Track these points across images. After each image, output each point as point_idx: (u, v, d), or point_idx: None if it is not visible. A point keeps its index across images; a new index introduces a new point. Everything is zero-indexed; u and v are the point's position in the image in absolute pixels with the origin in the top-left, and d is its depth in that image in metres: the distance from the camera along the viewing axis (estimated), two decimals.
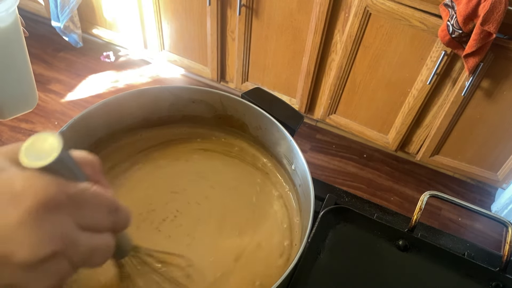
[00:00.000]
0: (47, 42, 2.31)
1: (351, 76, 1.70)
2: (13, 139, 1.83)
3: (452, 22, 1.30)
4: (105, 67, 2.23)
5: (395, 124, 1.77)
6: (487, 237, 1.74)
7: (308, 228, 0.50)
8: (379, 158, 1.98)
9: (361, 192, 1.84)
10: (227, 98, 0.67)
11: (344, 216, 0.64)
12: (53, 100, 2.03)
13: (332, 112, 1.87)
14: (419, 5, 1.39)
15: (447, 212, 1.80)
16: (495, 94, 1.50)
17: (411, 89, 1.62)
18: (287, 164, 0.66)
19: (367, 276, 0.60)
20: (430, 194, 0.63)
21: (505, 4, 1.20)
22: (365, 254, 0.62)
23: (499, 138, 1.63)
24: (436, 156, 1.80)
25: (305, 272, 0.58)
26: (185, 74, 2.23)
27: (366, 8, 1.47)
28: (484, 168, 1.75)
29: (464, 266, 0.61)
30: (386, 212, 0.72)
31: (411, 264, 0.61)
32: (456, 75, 1.52)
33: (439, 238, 0.69)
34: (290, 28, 1.69)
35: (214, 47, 1.90)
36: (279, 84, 1.91)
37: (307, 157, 1.90)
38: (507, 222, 0.60)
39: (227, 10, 1.76)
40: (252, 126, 0.69)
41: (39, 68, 2.17)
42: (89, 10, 2.13)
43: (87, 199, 0.25)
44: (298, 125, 0.66)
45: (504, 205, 1.73)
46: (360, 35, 1.55)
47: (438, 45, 1.44)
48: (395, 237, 0.63)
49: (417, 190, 1.87)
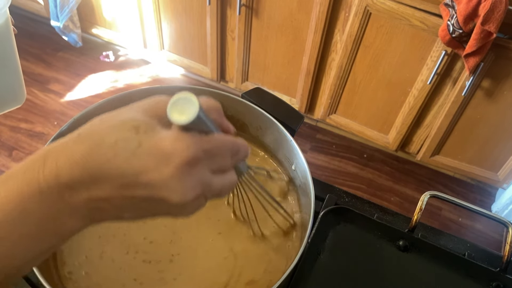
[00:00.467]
0: (47, 41, 2.31)
1: (351, 76, 1.70)
2: (12, 139, 1.83)
3: (453, 22, 1.30)
4: (104, 67, 2.23)
5: (395, 124, 1.77)
6: (487, 237, 1.74)
7: (308, 228, 0.50)
8: (379, 158, 1.98)
9: (361, 192, 1.84)
10: (227, 98, 0.67)
11: (344, 216, 0.64)
12: (53, 100, 2.03)
13: (332, 112, 1.87)
14: (420, 4, 1.39)
15: (447, 212, 1.80)
16: (495, 94, 1.50)
17: (412, 89, 1.62)
18: (287, 164, 0.66)
19: (367, 276, 0.60)
20: (431, 194, 0.62)
21: (505, 4, 1.20)
22: (365, 254, 0.62)
23: (499, 138, 1.62)
24: (437, 156, 1.80)
25: (305, 272, 0.57)
26: (185, 74, 2.23)
27: (366, 8, 1.47)
28: (484, 168, 1.75)
29: (464, 266, 0.61)
30: (386, 212, 0.72)
31: (411, 265, 0.61)
32: (456, 75, 1.52)
33: (439, 239, 0.69)
34: (290, 28, 1.69)
35: (214, 47, 1.90)
36: (279, 84, 1.91)
37: (307, 157, 1.90)
38: (508, 222, 0.60)
39: (227, 9, 1.76)
40: (252, 126, 0.69)
41: (38, 68, 2.17)
42: (89, 10, 2.12)
43: (217, 150, 0.31)
44: (298, 125, 0.66)
45: (505, 205, 1.73)
46: (360, 34, 1.55)
47: (439, 45, 1.44)
48: (395, 238, 0.63)
49: (417, 190, 1.87)
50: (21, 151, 1.80)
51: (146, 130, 0.29)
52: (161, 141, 0.28)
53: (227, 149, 0.32)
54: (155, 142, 0.28)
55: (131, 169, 0.28)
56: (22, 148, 1.81)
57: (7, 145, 1.81)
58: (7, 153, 1.78)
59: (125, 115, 0.30)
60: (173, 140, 0.28)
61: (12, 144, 1.82)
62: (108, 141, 0.28)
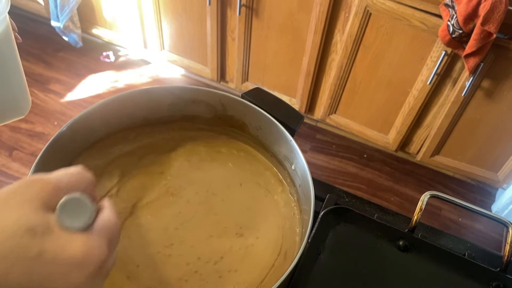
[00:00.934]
0: (47, 42, 2.31)
1: (351, 76, 1.70)
2: (12, 139, 1.83)
3: (453, 22, 1.30)
4: (105, 67, 2.23)
5: (395, 124, 1.77)
6: (487, 237, 1.74)
7: (308, 228, 0.50)
8: (379, 158, 1.98)
9: (361, 192, 1.84)
10: (227, 98, 0.67)
11: (344, 217, 0.64)
12: (53, 100, 2.03)
13: (332, 112, 1.87)
14: (420, 5, 1.39)
15: (447, 212, 1.80)
16: (495, 94, 1.50)
17: (412, 89, 1.62)
18: (287, 164, 0.66)
19: (367, 276, 0.60)
20: (431, 194, 0.63)
21: (505, 4, 1.20)
22: (365, 255, 0.62)
23: (499, 138, 1.62)
24: (437, 156, 1.80)
25: (305, 272, 0.58)
26: (185, 74, 2.23)
27: (366, 8, 1.47)
28: (484, 168, 1.75)
29: (464, 266, 0.61)
30: (387, 212, 0.72)
31: (412, 265, 0.61)
32: (456, 75, 1.52)
33: (439, 239, 0.69)
34: (290, 28, 1.69)
35: (214, 47, 1.90)
36: (279, 84, 1.91)
37: (307, 157, 1.90)
38: (508, 223, 0.60)
39: (227, 10, 1.76)
40: (252, 126, 0.69)
41: (38, 68, 2.17)
42: (89, 10, 2.12)
43: (114, 233, 0.31)
44: (298, 125, 0.66)
45: (505, 205, 1.73)
46: (360, 35, 1.55)
47: (439, 45, 1.44)
48: (395, 238, 0.63)
49: (417, 190, 1.87)
50: (21, 151, 1.80)
51: (43, 231, 0.26)
52: (68, 247, 0.26)
53: (118, 227, 0.32)
54: (61, 249, 0.26)
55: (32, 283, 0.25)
56: (22, 148, 1.81)
57: (7, 145, 1.81)
58: (7, 153, 1.78)
59: (14, 214, 0.25)
60: (81, 246, 0.27)
61: (12, 144, 1.82)
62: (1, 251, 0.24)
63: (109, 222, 0.30)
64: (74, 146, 0.60)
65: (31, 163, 1.27)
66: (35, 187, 0.27)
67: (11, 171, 1.73)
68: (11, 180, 1.70)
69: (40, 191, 0.27)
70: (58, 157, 0.57)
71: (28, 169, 0.96)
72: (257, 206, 0.63)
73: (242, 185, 0.66)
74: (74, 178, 0.30)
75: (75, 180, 0.30)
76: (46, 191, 0.27)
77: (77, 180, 0.30)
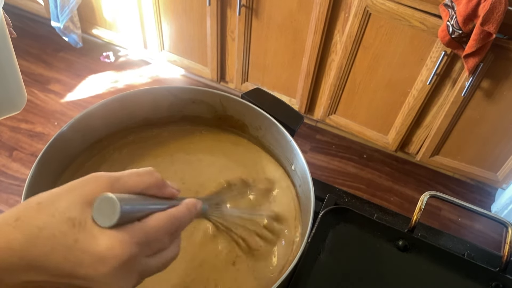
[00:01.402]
0: (47, 42, 2.31)
1: (351, 76, 1.70)
2: (13, 139, 1.83)
3: (452, 22, 1.30)
4: (105, 67, 2.23)
5: (395, 125, 1.77)
6: (487, 237, 1.74)
7: (308, 228, 0.50)
8: (379, 159, 1.98)
9: (361, 192, 1.84)
10: (227, 99, 0.67)
11: (344, 217, 0.64)
12: (53, 100, 2.03)
13: (332, 112, 1.87)
14: (419, 5, 1.39)
15: (447, 212, 1.80)
16: (495, 94, 1.50)
17: (411, 89, 1.62)
18: (287, 164, 0.66)
19: (367, 276, 0.60)
20: (430, 194, 0.63)
21: (505, 4, 1.20)
22: (365, 254, 0.62)
23: (499, 139, 1.63)
24: (436, 157, 1.80)
25: (305, 272, 0.58)
26: (185, 74, 2.23)
27: (366, 8, 1.47)
28: (484, 168, 1.75)
29: (464, 266, 0.61)
30: (386, 212, 0.72)
31: (411, 265, 0.61)
32: (456, 76, 1.52)
33: (439, 239, 0.69)
34: (290, 28, 1.69)
35: (214, 47, 1.90)
36: (279, 84, 1.91)
37: (307, 158, 1.90)
38: (507, 223, 0.60)
39: (227, 10, 1.76)
40: (252, 127, 0.69)
41: (38, 68, 2.17)
42: (89, 10, 2.12)
43: (152, 237, 0.32)
44: (298, 125, 0.66)
45: (504, 206, 1.73)
46: (360, 35, 1.55)
47: (438, 45, 1.44)
48: (395, 238, 0.63)
49: (417, 191, 1.87)
50: (22, 151, 1.80)
51: (80, 223, 0.30)
52: (95, 242, 0.29)
53: (163, 232, 0.33)
54: (90, 242, 0.29)
55: (68, 264, 0.29)
56: (23, 148, 1.81)
57: (8, 145, 1.81)
58: (7, 153, 1.78)
59: (62, 203, 0.30)
60: (106, 242, 0.29)
61: (12, 144, 1.82)
62: (46, 233, 0.29)
63: (147, 225, 0.32)
64: (74, 146, 0.61)
65: (31, 163, 1.27)
66: (92, 184, 0.31)
67: (11, 171, 1.73)
68: (11, 180, 1.70)
69: (94, 188, 0.31)
70: (58, 157, 0.57)
71: (28, 169, 0.96)
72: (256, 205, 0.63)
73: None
74: (134, 178, 0.33)
75: (135, 180, 0.33)
76: (99, 189, 0.31)
77: (137, 180, 0.33)
